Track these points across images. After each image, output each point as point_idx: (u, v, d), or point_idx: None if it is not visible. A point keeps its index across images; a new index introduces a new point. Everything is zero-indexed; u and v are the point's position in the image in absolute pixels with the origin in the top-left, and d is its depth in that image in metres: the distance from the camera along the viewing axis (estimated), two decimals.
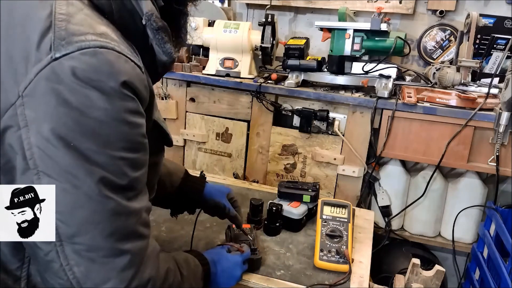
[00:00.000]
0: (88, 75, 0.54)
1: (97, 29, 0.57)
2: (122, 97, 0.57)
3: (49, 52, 0.54)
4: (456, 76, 1.53)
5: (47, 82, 0.53)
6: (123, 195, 0.59)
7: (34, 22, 0.57)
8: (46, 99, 0.54)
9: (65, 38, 0.55)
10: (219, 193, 1.07)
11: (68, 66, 0.54)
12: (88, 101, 0.54)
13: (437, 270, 1.07)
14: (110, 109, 0.55)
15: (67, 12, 0.57)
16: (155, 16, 0.62)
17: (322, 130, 1.71)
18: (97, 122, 0.55)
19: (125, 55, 0.58)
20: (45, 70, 0.53)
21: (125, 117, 0.57)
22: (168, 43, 0.64)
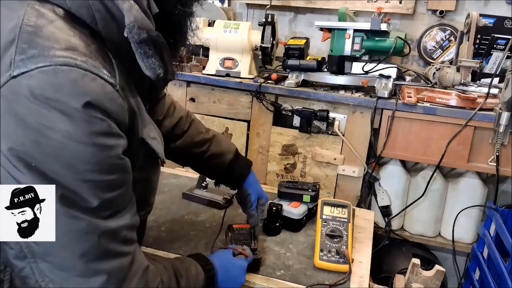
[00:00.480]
0: (47, 94, 0.51)
1: (64, 44, 0.54)
2: (87, 119, 0.53)
3: (8, 68, 0.51)
4: (456, 76, 1.53)
5: (5, 102, 0.51)
6: (96, 215, 0.57)
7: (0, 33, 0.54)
8: (5, 119, 0.51)
9: (26, 53, 0.52)
10: (255, 191, 1.12)
11: (26, 85, 0.51)
12: (48, 122, 0.52)
13: (437, 270, 1.07)
14: (73, 131, 0.52)
15: (35, 25, 0.54)
16: (138, 27, 0.57)
17: (322, 130, 1.71)
18: (58, 144, 0.52)
19: (93, 72, 0.54)
20: (3, 88, 0.51)
21: (91, 140, 0.54)
22: (152, 58, 0.59)
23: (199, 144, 1.08)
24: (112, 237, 0.59)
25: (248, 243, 1.06)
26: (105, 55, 0.59)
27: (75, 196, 0.55)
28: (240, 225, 1.14)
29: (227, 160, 1.11)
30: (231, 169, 1.11)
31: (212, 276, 0.85)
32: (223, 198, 1.33)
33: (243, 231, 1.12)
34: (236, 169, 1.12)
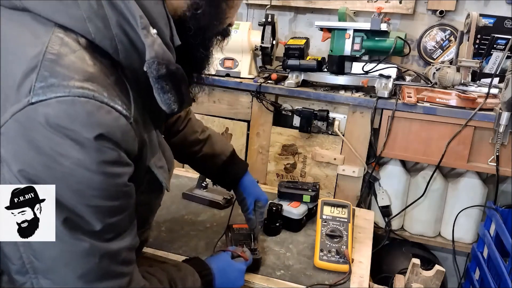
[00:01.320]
0: (62, 124, 0.53)
1: (83, 75, 0.55)
2: (99, 149, 0.55)
3: (27, 94, 0.52)
4: (456, 76, 1.53)
5: (21, 126, 0.53)
6: (99, 237, 0.59)
7: (21, 59, 0.55)
8: (18, 142, 0.53)
9: (46, 81, 0.53)
10: (251, 194, 1.12)
11: (43, 113, 0.52)
12: (60, 149, 0.53)
13: (437, 270, 1.07)
14: (83, 160, 0.54)
15: (58, 53, 0.55)
16: (157, 63, 0.58)
17: (322, 130, 1.71)
18: (68, 170, 0.54)
19: (109, 105, 0.56)
20: (20, 113, 0.52)
21: (100, 168, 0.56)
22: (168, 93, 0.61)
23: (192, 144, 1.09)
24: (113, 259, 0.61)
25: (248, 243, 1.06)
26: (123, 86, 0.61)
27: (79, 219, 0.57)
28: (240, 225, 1.14)
29: (219, 161, 1.11)
30: (224, 171, 1.12)
31: (209, 281, 0.85)
32: (223, 198, 1.33)
33: (243, 231, 1.12)
34: (229, 171, 1.12)
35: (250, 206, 1.11)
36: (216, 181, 1.16)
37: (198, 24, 0.67)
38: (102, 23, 0.57)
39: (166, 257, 1.05)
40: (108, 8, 0.57)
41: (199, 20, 0.67)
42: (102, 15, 0.57)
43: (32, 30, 0.57)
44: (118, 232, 0.62)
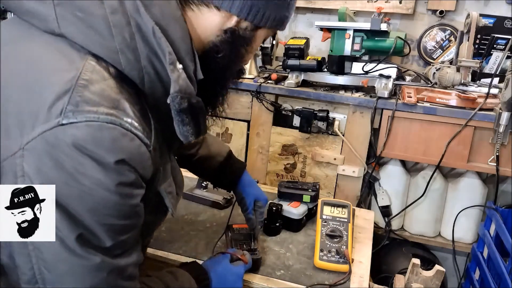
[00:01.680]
0: (87, 146, 0.56)
1: (112, 103, 0.58)
2: (118, 172, 0.58)
3: (58, 116, 0.55)
4: (456, 76, 1.53)
5: (47, 145, 0.55)
6: (108, 254, 0.61)
7: (55, 82, 0.57)
8: (43, 160, 0.56)
9: (77, 105, 0.56)
10: (250, 194, 1.12)
11: (70, 134, 0.55)
12: (83, 169, 0.56)
13: (437, 270, 1.07)
14: (103, 180, 0.57)
15: (90, 79, 0.58)
16: (180, 97, 0.62)
17: (322, 130, 1.71)
18: (87, 189, 0.57)
19: (133, 133, 0.59)
20: (49, 132, 0.55)
21: (118, 189, 0.59)
22: (187, 126, 0.65)
23: (188, 147, 1.09)
24: (119, 274, 0.64)
25: (248, 243, 1.06)
26: (146, 116, 0.64)
27: (92, 236, 0.59)
28: (240, 225, 1.14)
29: (216, 163, 1.12)
30: (221, 172, 1.12)
31: (206, 286, 0.86)
32: (223, 198, 1.33)
33: (243, 231, 1.12)
34: (227, 171, 1.12)
35: (250, 206, 1.11)
36: (215, 183, 1.16)
37: (217, 66, 0.72)
38: (132, 55, 0.61)
39: (166, 257, 1.05)
40: (141, 42, 0.61)
41: (219, 62, 0.72)
42: (133, 48, 0.61)
43: (68, 56, 0.60)
44: (126, 248, 0.65)
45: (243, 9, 0.69)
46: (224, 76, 0.75)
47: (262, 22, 0.71)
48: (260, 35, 0.74)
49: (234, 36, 0.71)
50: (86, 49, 0.60)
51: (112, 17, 0.60)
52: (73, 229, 0.58)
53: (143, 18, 0.60)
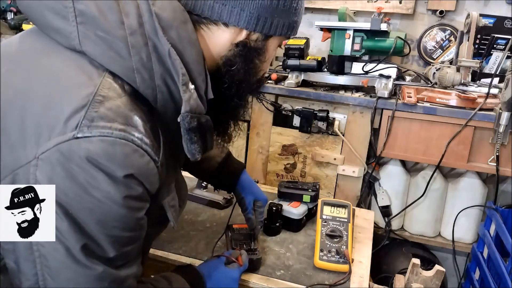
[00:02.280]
0: (100, 160, 0.58)
1: (125, 120, 0.61)
2: (127, 185, 0.61)
3: (74, 129, 0.57)
4: (456, 76, 1.53)
5: (61, 156, 0.57)
6: (111, 264, 0.63)
7: (73, 96, 0.60)
8: (56, 170, 0.58)
9: (93, 120, 0.58)
10: (249, 194, 1.12)
11: (84, 148, 0.57)
12: (94, 181, 0.58)
13: (437, 270, 1.07)
14: (113, 193, 0.59)
15: (106, 95, 0.61)
16: (190, 117, 0.64)
17: (322, 130, 1.71)
18: (97, 201, 0.59)
19: (143, 149, 0.62)
20: (64, 144, 0.57)
21: (125, 202, 0.61)
22: (195, 144, 0.68)
23: None
24: (119, 285, 0.65)
25: (248, 243, 1.06)
26: (156, 133, 0.67)
27: (96, 246, 0.61)
28: (240, 225, 1.14)
29: (215, 163, 1.12)
30: (220, 173, 1.12)
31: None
32: (223, 198, 1.33)
33: (243, 231, 1.12)
34: (225, 172, 1.12)
35: (249, 206, 1.11)
36: (214, 184, 1.16)
37: (233, 79, 0.74)
38: (148, 74, 0.64)
39: (166, 257, 1.05)
40: (156, 63, 0.64)
41: (233, 76, 0.74)
42: (149, 68, 0.64)
43: (88, 72, 0.63)
44: (127, 260, 0.67)
45: (250, 21, 0.70)
46: (240, 88, 0.76)
47: (272, 30, 0.73)
48: (272, 43, 0.76)
49: (246, 48, 0.73)
50: (104, 67, 0.63)
51: (131, 38, 0.63)
52: (79, 239, 0.60)
53: (161, 40, 0.63)
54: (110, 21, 0.62)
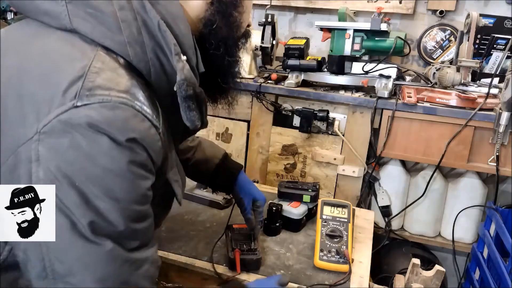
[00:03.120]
0: (101, 125, 0.57)
1: (124, 88, 0.61)
2: (131, 149, 0.60)
3: (73, 99, 0.57)
4: (456, 76, 1.53)
5: (63, 126, 0.57)
6: (122, 243, 0.61)
7: (68, 70, 0.60)
8: (60, 141, 0.57)
9: (90, 89, 0.58)
10: (247, 194, 1.13)
11: (85, 115, 0.57)
12: (97, 147, 0.57)
13: (437, 270, 1.07)
14: (117, 157, 0.59)
15: (101, 67, 0.61)
16: (187, 84, 0.65)
17: (322, 130, 1.71)
18: (102, 169, 0.58)
19: (144, 115, 0.62)
20: (64, 114, 0.57)
21: (130, 168, 0.60)
22: (193, 111, 0.68)
23: (183, 152, 1.10)
24: (134, 269, 0.63)
25: (248, 243, 1.06)
26: (154, 103, 0.67)
27: (104, 222, 0.59)
28: (240, 225, 1.14)
29: (212, 165, 1.12)
30: (218, 174, 1.12)
31: None
32: (223, 198, 1.33)
33: (243, 231, 1.12)
34: (223, 173, 1.13)
35: (248, 206, 1.11)
36: (212, 186, 1.17)
37: (217, 37, 0.75)
38: (140, 48, 0.65)
39: (166, 257, 1.05)
40: (147, 37, 0.65)
41: (217, 34, 0.75)
42: (140, 42, 0.65)
43: (80, 48, 0.63)
44: (140, 241, 0.64)
45: None
46: (228, 44, 0.77)
47: None
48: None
49: (221, 3, 0.74)
50: (96, 42, 0.63)
51: (120, 13, 0.64)
52: (86, 214, 0.58)
53: (149, 14, 0.64)
54: None
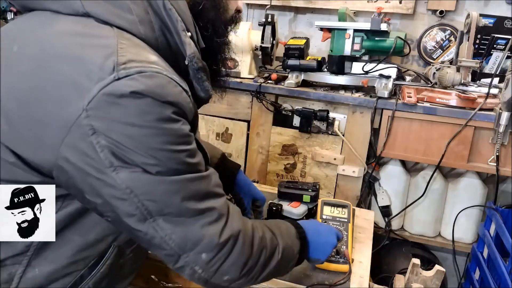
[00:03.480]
0: (144, 92, 0.61)
1: (151, 59, 0.65)
2: (171, 107, 0.64)
3: (111, 72, 0.60)
4: (456, 76, 1.53)
5: (110, 98, 0.60)
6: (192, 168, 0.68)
7: (97, 47, 0.63)
8: (109, 110, 0.60)
9: (125, 63, 0.61)
10: (247, 194, 1.13)
11: (127, 85, 0.60)
12: (145, 107, 0.61)
13: (437, 270, 1.07)
14: (162, 113, 0.63)
15: (127, 42, 0.65)
16: (197, 57, 0.71)
17: (322, 130, 1.71)
18: (154, 126, 0.62)
19: (175, 81, 0.66)
20: (107, 87, 0.60)
21: (174, 118, 0.65)
22: (206, 81, 0.74)
23: None
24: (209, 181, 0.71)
25: None
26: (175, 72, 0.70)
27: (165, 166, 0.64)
28: None
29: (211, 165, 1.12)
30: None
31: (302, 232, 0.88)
32: None
33: None
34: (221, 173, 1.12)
35: (248, 206, 1.11)
36: None
37: (204, 18, 0.78)
38: (148, 27, 0.69)
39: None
40: (153, 15, 0.69)
41: (204, 16, 0.78)
42: (148, 20, 0.69)
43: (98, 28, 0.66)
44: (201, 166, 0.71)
45: None
46: (216, 26, 0.81)
47: None
48: None
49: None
50: (109, 23, 0.66)
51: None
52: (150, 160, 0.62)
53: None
54: None
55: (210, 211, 0.69)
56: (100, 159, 0.61)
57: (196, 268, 0.69)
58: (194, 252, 0.67)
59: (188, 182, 0.66)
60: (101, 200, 0.64)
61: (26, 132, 0.63)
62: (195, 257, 0.68)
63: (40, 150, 0.63)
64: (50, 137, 0.62)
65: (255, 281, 0.76)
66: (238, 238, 0.71)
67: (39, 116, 0.62)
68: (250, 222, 0.77)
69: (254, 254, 0.74)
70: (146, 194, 0.64)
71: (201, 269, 0.69)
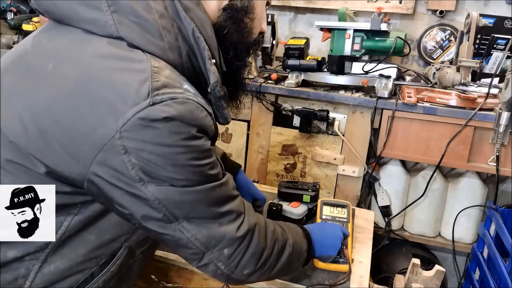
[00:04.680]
0: (176, 118, 0.65)
1: (181, 84, 0.68)
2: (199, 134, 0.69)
3: (146, 97, 0.64)
4: (456, 76, 1.53)
5: (143, 122, 0.63)
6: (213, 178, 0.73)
7: (132, 71, 0.66)
8: (142, 134, 0.64)
9: (158, 88, 0.65)
10: (247, 194, 1.15)
11: (161, 110, 0.64)
12: (175, 129, 0.65)
13: (437, 270, 1.07)
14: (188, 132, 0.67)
15: (159, 66, 0.68)
16: (219, 86, 0.74)
17: (322, 130, 1.71)
18: (181, 148, 0.66)
19: (202, 106, 0.70)
20: (142, 112, 0.63)
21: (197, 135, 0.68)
22: (226, 109, 0.78)
23: None
24: (227, 186, 0.75)
25: None
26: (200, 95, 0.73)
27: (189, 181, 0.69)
28: None
29: None
30: None
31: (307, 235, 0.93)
32: None
33: None
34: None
35: None
36: None
37: (228, 42, 0.80)
38: (177, 53, 0.72)
39: (167, 257, 1.05)
40: (182, 42, 0.72)
41: (228, 39, 0.80)
42: (177, 47, 0.72)
43: (132, 52, 0.69)
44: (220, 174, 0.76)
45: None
46: (238, 49, 0.82)
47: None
48: (258, 1, 0.82)
49: (233, 10, 0.78)
50: (141, 48, 0.69)
51: (161, 21, 0.70)
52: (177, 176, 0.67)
53: (184, 21, 0.72)
54: (140, 7, 0.69)
55: (230, 213, 0.74)
56: (130, 175, 0.65)
57: (219, 265, 0.74)
58: (218, 248, 0.73)
59: (210, 190, 0.71)
60: (129, 210, 0.69)
61: (60, 148, 0.66)
62: (218, 253, 0.73)
63: (72, 165, 0.66)
64: (83, 155, 0.65)
65: (270, 274, 0.82)
66: (255, 231, 0.77)
67: (73, 135, 0.65)
68: (262, 216, 0.83)
69: (268, 246, 0.79)
70: (172, 204, 0.69)
71: (223, 265, 0.74)
